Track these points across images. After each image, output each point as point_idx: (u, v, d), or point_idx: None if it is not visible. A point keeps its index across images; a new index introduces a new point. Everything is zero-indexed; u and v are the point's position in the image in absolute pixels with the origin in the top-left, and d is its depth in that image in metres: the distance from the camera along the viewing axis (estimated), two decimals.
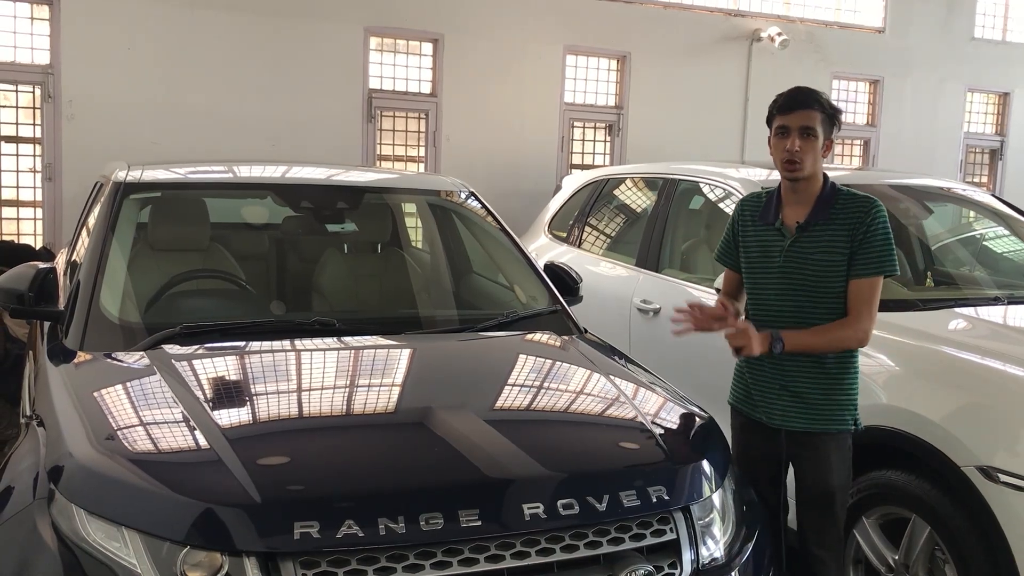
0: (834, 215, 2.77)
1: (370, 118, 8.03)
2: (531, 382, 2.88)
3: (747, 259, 2.93)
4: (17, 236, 7.06)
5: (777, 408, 2.84)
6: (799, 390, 2.80)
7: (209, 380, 2.64)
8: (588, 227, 5.54)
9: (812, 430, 2.81)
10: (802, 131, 2.74)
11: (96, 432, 2.25)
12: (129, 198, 3.42)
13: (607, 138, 9.13)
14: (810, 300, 2.78)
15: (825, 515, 2.86)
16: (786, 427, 2.83)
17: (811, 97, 2.77)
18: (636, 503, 2.18)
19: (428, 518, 1.99)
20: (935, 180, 4.84)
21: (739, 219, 2.99)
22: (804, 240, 2.79)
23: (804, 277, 2.78)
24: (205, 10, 7.33)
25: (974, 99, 10.83)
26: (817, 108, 2.75)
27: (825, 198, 2.80)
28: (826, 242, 2.76)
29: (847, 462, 2.86)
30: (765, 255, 2.87)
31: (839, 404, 2.81)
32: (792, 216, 2.84)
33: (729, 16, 9.43)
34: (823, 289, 2.76)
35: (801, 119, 2.74)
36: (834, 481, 2.83)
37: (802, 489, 2.89)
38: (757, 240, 2.90)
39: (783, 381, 2.82)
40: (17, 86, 7.01)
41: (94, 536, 1.98)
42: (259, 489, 1.99)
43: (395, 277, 3.91)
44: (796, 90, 2.82)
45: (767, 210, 2.90)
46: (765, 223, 2.89)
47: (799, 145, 2.73)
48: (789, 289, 2.81)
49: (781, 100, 2.80)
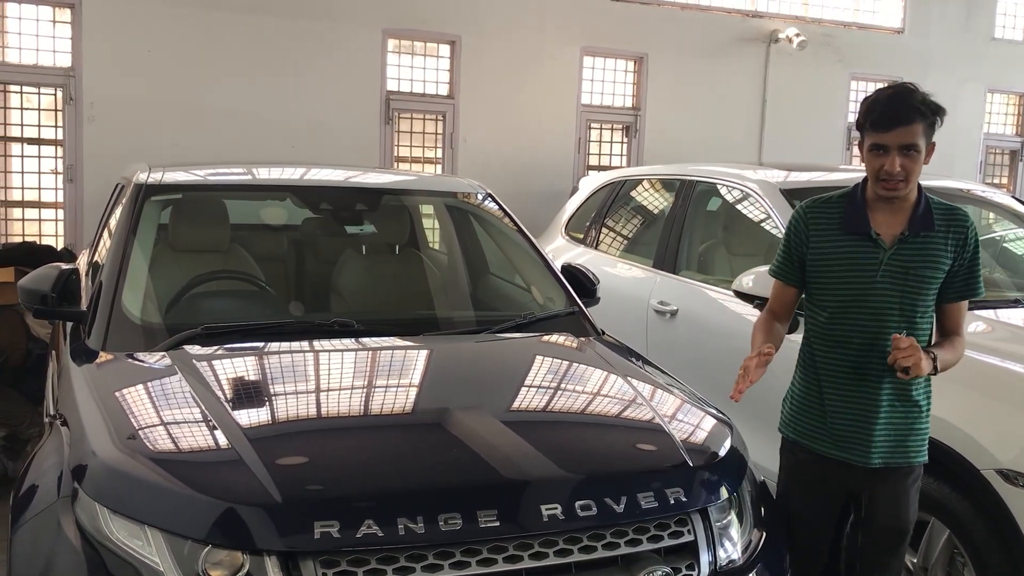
0: (937, 226, 2.51)
1: (388, 120, 8.06)
2: (548, 383, 2.88)
3: (825, 272, 2.58)
4: (39, 237, 7.13)
5: (857, 442, 2.55)
6: (885, 421, 2.54)
7: (230, 380, 2.66)
8: (605, 228, 5.54)
9: (897, 464, 2.57)
10: (903, 149, 2.41)
11: (119, 431, 2.27)
12: (150, 200, 3.45)
13: (624, 139, 9.12)
14: (905, 316, 2.51)
15: (893, 551, 2.65)
16: (868, 464, 2.55)
17: (911, 108, 2.39)
18: (654, 504, 2.18)
19: (447, 518, 2.00)
20: (954, 182, 4.81)
21: (806, 228, 2.61)
22: (905, 252, 2.50)
23: (905, 292, 2.50)
24: (224, 13, 7.38)
25: (994, 100, 10.75)
26: (919, 119, 2.39)
27: (924, 208, 2.52)
28: (930, 255, 2.50)
29: (918, 494, 2.66)
30: (856, 268, 2.53)
31: (922, 433, 2.60)
32: (887, 226, 2.53)
33: (747, 17, 9.41)
34: (918, 304, 2.52)
35: (901, 137, 2.39)
36: (908, 517, 2.62)
37: (873, 523, 2.62)
38: (842, 251, 2.56)
39: (870, 412, 2.54)
40: (39, 88, 7.09)
41: (117, 534, 2.01)
42: (280, 489, 2.01)
43: (413, 278, 3.93)
44: (893, 100, 2.42)
45: (853, 219, 2.55)
46: (854, 232, 2.54)
47: (901, 164, 2.41)
48: (886, 306, 2.51)
49: (876, 115, 2.42)
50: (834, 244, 2.57)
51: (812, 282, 2.63)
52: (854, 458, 2.56)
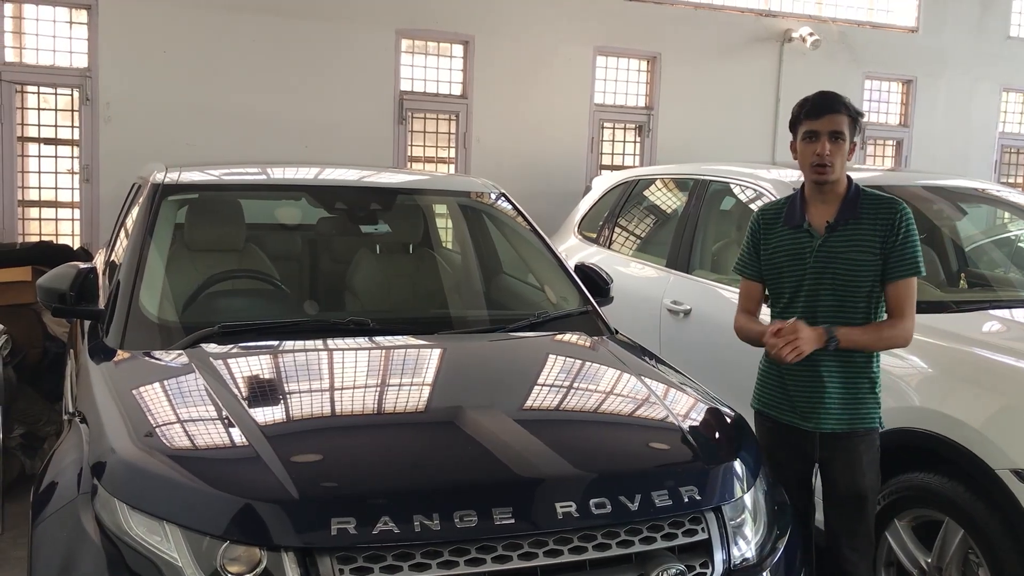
0: (863, 214, 2.81)
1: (401, 120, 8.08)
2: (562, 382, 2.90)
3: (773, 264, 2.94)
4: (55, 236, 7.17)
5: (811, 409, 2.85)
6: (833, 389, 2.82)
7: (246, 378, 2.69)
8: (618, 228, 5.55)
9: (845, 430, 2.83)
10: (831, 135, 2.79)
11: (137, 429, 2.30)
12: (167, 199, 3.47)
13: (637, 139, 9.12)
14: (840, 300, 2.82)
15: (857, 516, 2.87)
16: (820, 429, 2.84)
17: (838, 101, 2.81)
18: (668, 503, 2.19)
19: (462, 515, 2.02)
20: (969, 181, 4.80)
21: (760, 227, 3.00)
22: (834, 240, 2.82)
23: (835, 276, 2.81)
24: (239, 13, 7.42)
25: (1009, 99, 10.67)
26: (844, 112, 2.80)
27: (851, 198, 2.85)
28: (857, 241, 2.80)
29: (876, 462, 2.89)
30: (794, 257, 2.89)
31: (869, 402, 2.85)
32: (819, 217, 2.87)
33: (760, 16, 9.38)
34: (853, 288, 2.80)
35: (830, 123, 2.79)
36: (866, 482, 2.85)
37: (833, 491, 2.90)
38: (784, 244, 2.92)
39: (817, 381, 2.83)
40: (56, 89, 7.13)
41: (136, 530, 2.03)
42: (297, 485, 2.03)
43: (427, 278, 3.95)
44: (823, 95, 2.85)
45: (791, 213, 2.92)
46: (792, 225, 2.91)
47: (829, 149, 2.78)
48: (820, 289, 2.83)
49: (808, 105, 2.83)
50: (778, 238, 2.93)
51: (767, 276, 2.98)
52: (808, 424, 2.85)
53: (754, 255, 3.01)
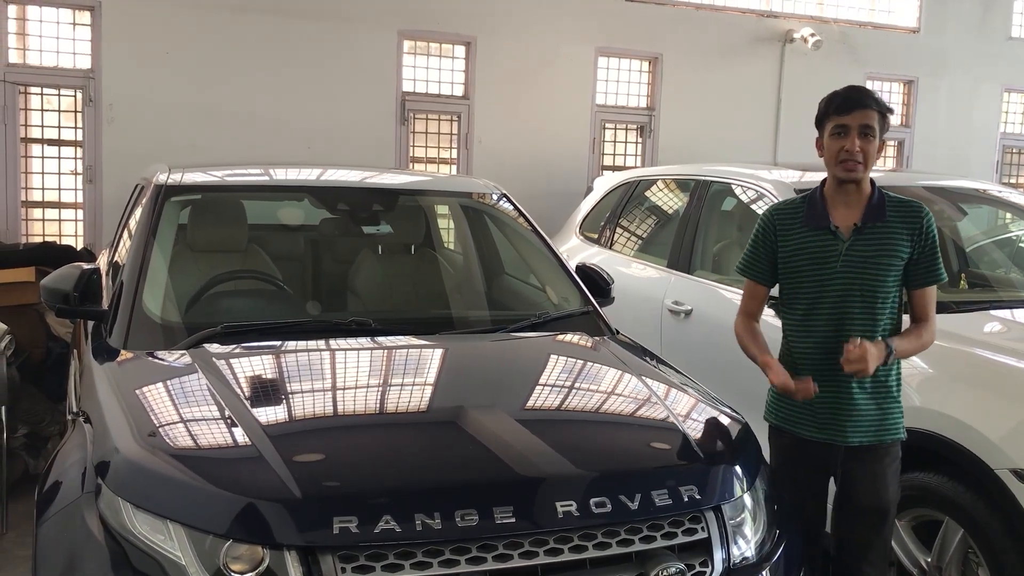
0: (890, 217, 2.73)
1: (403, 120, 8.10)
2: (563, 382, 2.91)
3: (792, 267, 2.82)
4: (59, 237, 7.19)
5: (837, 423, 2.75)
6: (861, 401, 2.74)
7: (249, 378, 2.70)
8: (619, 228, 5.56)
9: (872, 442, 2.75)
10: (861, 130, 2.68)
11: (141, 428, 2.31)
12: (170, 200, 3.49)
13: (638, 139, 9.13)
14: (869, 305, 2.72)
15: (876, 529, 2.78)
16: (847, 442, 2.75)
17: (868, 96, 2.71)
18: (668, 502, 2.20)
19: (463, 514, 2.03)
20: (970, 181, 4.81)
21: (775, 228, 2.85)
22: (861, 243, 2.73)
23: (864, 280, 2.71)
24: (242, 15, 7.43)
25: (1011, 99, 10.67)
26: (874, 107, 2.69)
27: (877, 200, 2.76)
28: (885, 244, 2.71)
29: (898, 474, 2.82)
30: (817, 260, 2.77)
31: (895, 412, 2.78)
32: (844, 219, 2.76)
33: (761, 17, 9.39)
34: (880, 291, 2.71)
35: (861, 118, 2.68)
36: (888, 495, 2.77)
37: (852, 504, 2.79)
38: (806, 245, 2.79)
39: (845, 394, 2.74)
40: (59, 90, 7.15)
41: (140, 529, 2.04)
42: (299, 485, 2.04)
43: (428, 278, 3.96)
44: (853, 89, 2.75)
45: (813, 213, 2.79)
46: (815, 227, 2.78)
47: (860, 145, 2.68)
48: (848, 293, 2.72)
49: (838, 100, 2.72)
50: (799, 240, 2.80)
51: (784, 279, 2.86)
52: (833, 438, 2.76)
53: (763, 256, 2.88)
